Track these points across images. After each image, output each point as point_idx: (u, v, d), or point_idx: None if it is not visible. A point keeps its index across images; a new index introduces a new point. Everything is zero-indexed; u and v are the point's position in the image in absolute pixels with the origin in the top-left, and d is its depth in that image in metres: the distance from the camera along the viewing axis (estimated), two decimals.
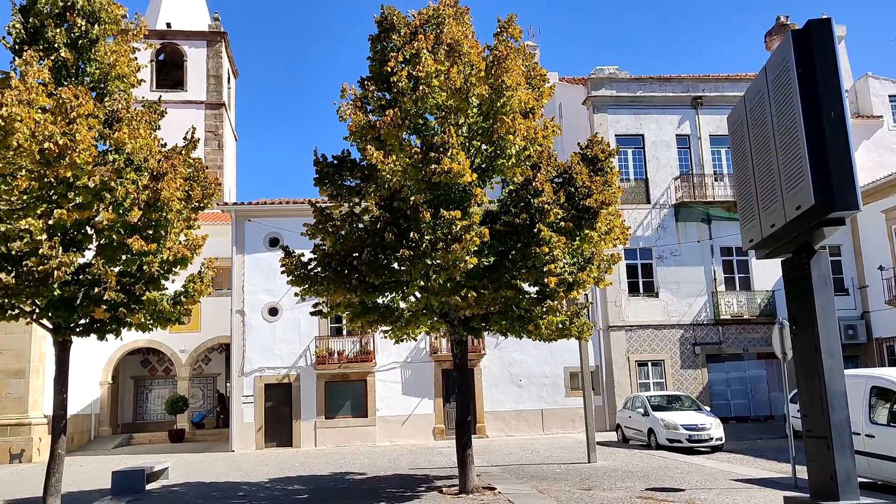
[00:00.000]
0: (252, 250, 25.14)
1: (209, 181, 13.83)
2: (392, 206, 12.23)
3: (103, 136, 12.56)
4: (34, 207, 11.85)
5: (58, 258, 11.48)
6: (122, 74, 13.23)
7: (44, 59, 12.25)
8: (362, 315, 13.03)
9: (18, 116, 11.12)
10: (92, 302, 12.16)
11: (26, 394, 22.04)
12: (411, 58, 12.23)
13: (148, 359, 31.62)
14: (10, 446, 21.38)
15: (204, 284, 13.10)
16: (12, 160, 11.44)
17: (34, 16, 12.75)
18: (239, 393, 24.35)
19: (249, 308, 24.86)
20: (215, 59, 38.38)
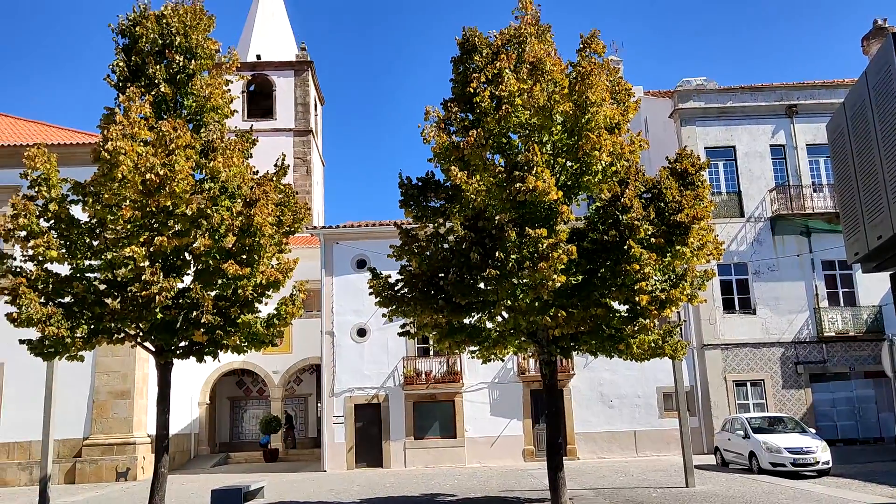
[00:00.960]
0: (340, 272, 25.61)
1: (299, 206, 14.19)
2: (477, 225, 12.22)
3: (200, 165, 13.08)
4: (137, 235, 12.44)
5: (159, 283, 11.97)
6: (217, 106, 13.77)
7: (145, 95, 12.90)
8: (449, 335, 13.02)
9: (123, 150, 11.75)
10: (191, 325, 12.62)
11: (131, 414, 23.03)
12: (494, 78, 12.25)
13: (243, 380, 32.57)
14: (117, 465, 22.36)
15: (295, 307, 13.40)
16: (117, 191, 12.08)
17: (136, 54, 13.47)
18: (330, 413, 24.73)
19: (338, 329, 25.29)
20: (302, 88, 39.61)
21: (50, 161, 12.72)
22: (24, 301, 11.83)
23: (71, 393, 21.57)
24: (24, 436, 22.49)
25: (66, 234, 12.70)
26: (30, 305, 11.78)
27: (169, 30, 13.37)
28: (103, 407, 22.98)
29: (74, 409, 22.29)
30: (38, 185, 12.62)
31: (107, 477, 22.20)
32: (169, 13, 13.47)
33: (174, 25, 13.35)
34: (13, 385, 22.83)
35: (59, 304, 12.48)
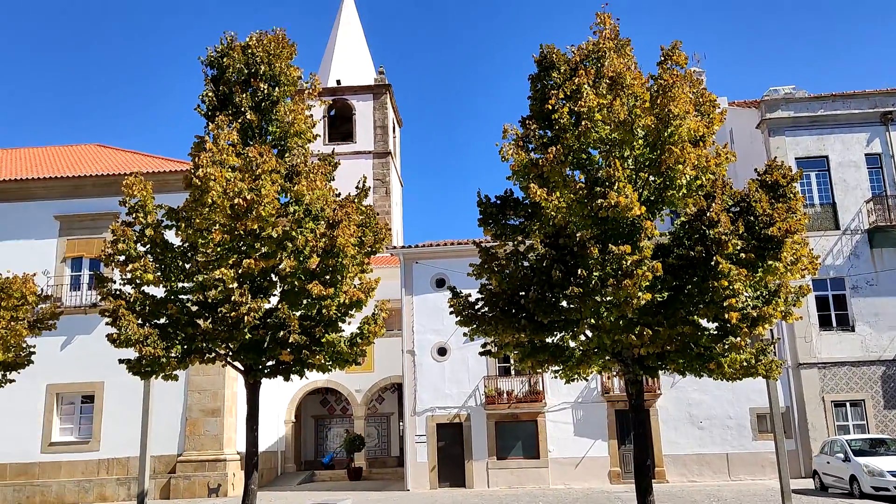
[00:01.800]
0: (420, 291, 25.78)
1: (380, 227, 14.40)
2: (558, 242, 12.09)
3: (284, 189, 13.46)
4: (227, 258, 12.88)
5: (247, 304, 12.34)
6: (300, 131, 14.17)
7: (232, 123, 13.39)
8: (531, 355, 12.88)
9: (212, 176, 12.22)
10: (278, 345, 12.93)
11: (221, 431, 23.73)
12: (572, 94, 12.14)
13: (327, 398, 33.11)
14: (209, 481, 23.03)
15: (378, 326, 13.55)
16: (208, 216, 12.55)
17: (223, 84, 14.02)
18: (412, 432, 24.83)
19: (419, 348, 25.42)
20: (381, 111, 40.34)
21: (146, 189, 13.34)
22: (124, 322, 12.41)
23: (165, 411, 22.39)
24: (122, 452, 23.48)
25: (160, 258, 13.27)
26: (128, 326, 12.35)
27: (254, 59, 13.87)
28: (195, 424, 23.76)
29: (168, 427, 23.11)
30: (135, 212, 13.25)
31: (199, 493, 22.89)
32: (253, 43, 13.99)
33: (258, 55, 13.84)
34: (112, 403, 23.89)
35: (155, 325, 13.02)
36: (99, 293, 13.85)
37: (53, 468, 23.74)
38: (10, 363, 14.45)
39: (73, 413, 24.61)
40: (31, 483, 23.52)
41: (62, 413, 24.53)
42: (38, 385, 23.25)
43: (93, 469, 23.72)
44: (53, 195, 26.04)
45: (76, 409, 24.62)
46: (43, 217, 25.72)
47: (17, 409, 23.09)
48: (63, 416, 24.53)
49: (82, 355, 24.03)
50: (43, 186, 26.06)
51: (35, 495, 23.34)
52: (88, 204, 25.81)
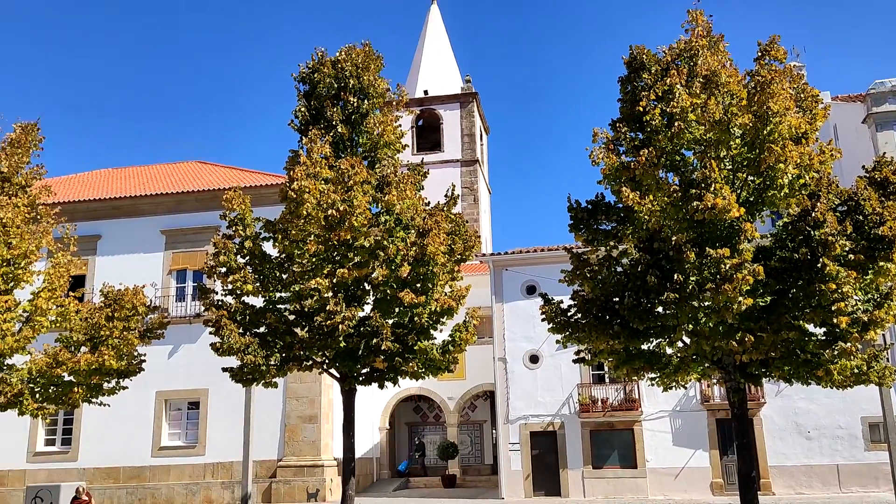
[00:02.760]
0: (510, 299, 25.68)
1: (469, 234, 14.44)
2: (652, 247, 11.79)
3: (376, 199, 13.70)
4: (321, 268, 13.21)
5: (342, 313, 12.62)
6: (390, 142, 14.41)
7: (324, 136, 13.75)
8: (627, 362, 12.61)
9: (307, 189, 12.57)
10: (371, 352, 13.15)
11: (318, 438, 24.29)
12: (664, 94, 11.86)
13: (420, 405, 33.41)
14: (308, 486, 23.61)
15: (469, 333, 13.58)
16: (303, 227, 12.92)
17: (315, 99, 14.42)
18: (505, 440, 24.71)
19: (510, 356, 25.30)
20: (468, 119, 40.53)
21: (245, 203, 13.84)
22: (226, 332, 12.90)
23: (265, 417, 23.11)
24: (226, 457, 24.37)
25: (259, 269, 13.74)
26: (230, 336, 12.83)
27: (343, 73, 14.20)
28: (294, 431, 24.42)
29: (269, 433, 23.84)
30: (235, 225, 13.77)
31: (299, 497, 23.49)
32: (343, 57, 14.33)
33: (348, 68, 14.16)
34: (216, 410, 24.86)
35: (255, 334, 13.48)
36: (202, 304, 14.46)
37: (163, 471, 24.88)
38: (122, 371, 15.21)
39: (180, 419, 25.75)
40: (142, 486, 24.73)
41: (170, 419, 25.70)
42: (148, 392, 24.43)
43: (199, 473, 24.72)
44: (160, 211, 27.39)
45: (183, 415, 25.74)
46: (150, 232, 27.09)
47: (130, 415, 24.31)
48: (171, 422, 25.68)
49: (188, 363, 25.12)
50: (150, 203, 27.45)
51: (146, 497, 24.52)
52: (191, 218, 27.01)
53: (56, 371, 14.45)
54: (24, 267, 14.67)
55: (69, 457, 25.40)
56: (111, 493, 24.40)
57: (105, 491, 23.99)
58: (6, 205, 14.36)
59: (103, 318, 15.14)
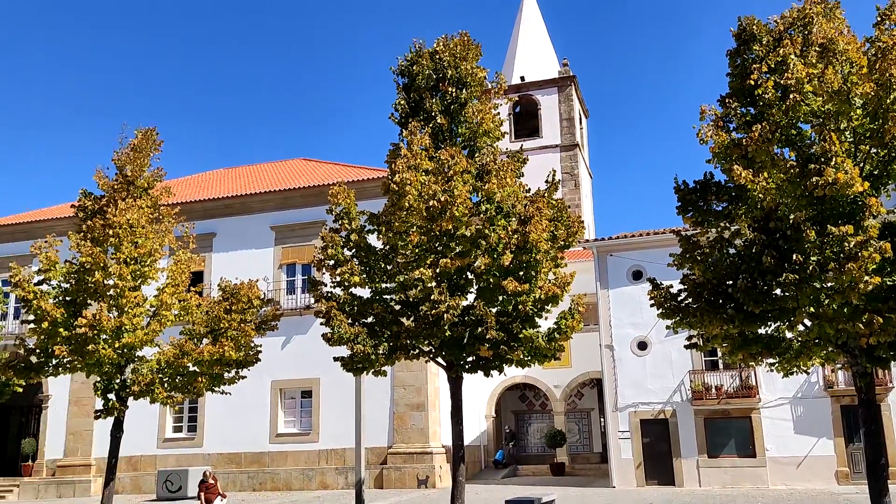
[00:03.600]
0: (616, 285, 25.19)
1: (572, 220, 14.23)
2: (768, 226, 11.24)
3: (476, 188, 13.70)
4: (424, 258, 13.35)
5: (446, 302, 12.71)
6: (488, 130, 14.37)
7: (424, 128, 13.85)
8: (742, 347, 12.10)
9: (408, 181, 12.72)
10: (477, 341, 13.19)
11: (426, 425, 24.68)
12: (777, 66, 11.26)
13: (525, 394, 33.34)
14: (417, 472, 24.06)
15: (575, 320, 13.40)
16: (406, 219, 13.09)
17: (414, 91, 14.55)
18: (615, 429, 24.33)
19: (617, 343, 24.84)
20: (566, 103, 39.92)
21: (349, 197, 14.17)
22: (335, 322, 13.27)
23: (375, 405, 23.68)
24: (338, 443, 25.16)
25: (365, 261, 14.03)
26: (340, 326, 13.18)
27: (441, 64, 14.25)
28: (402, 418, 24.91)
29: (378, 420, 24.44)
30: (341, 219, 14.12)
31: (409, 483, 23.97)
32: (440, 48, 14.37)
33: (446, 59, 14.20)
34: (327, 398, 25.69)
35: (363, 324, 13.79)
36: (312, 296, 14.92)
37: (280, 457, 25.96)
38: (241, 361, 15.93)
39: (294, 407, 26.77)
40: (262, 470, 25.89)
41: (285, 407, 26.76)
42: (264, 381, 25.52)
43: (314, 459, 25.64)
44: (268, 208, 28.47)
45: (297, 403, 26.75)
46: (261, 228, 28.22)
47: (249, 404, 25.49)
48: (286, 410, 26.74)
49: (300, 353, 26.06)
50: (259, 200, 28.58)
51: (266, 482, 25.66)
52: (298, 214, 27.93)
53: (182, 362, 15.30)
54: (150, 265, 15.60)
55: (195, 443, 26.90)
56: (234, 477, 25.67)
57: (228, 475, 25.24)
58: (132, 207, 15.28)
59: (222, 311, 15.90)
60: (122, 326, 14.79)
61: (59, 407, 28.65)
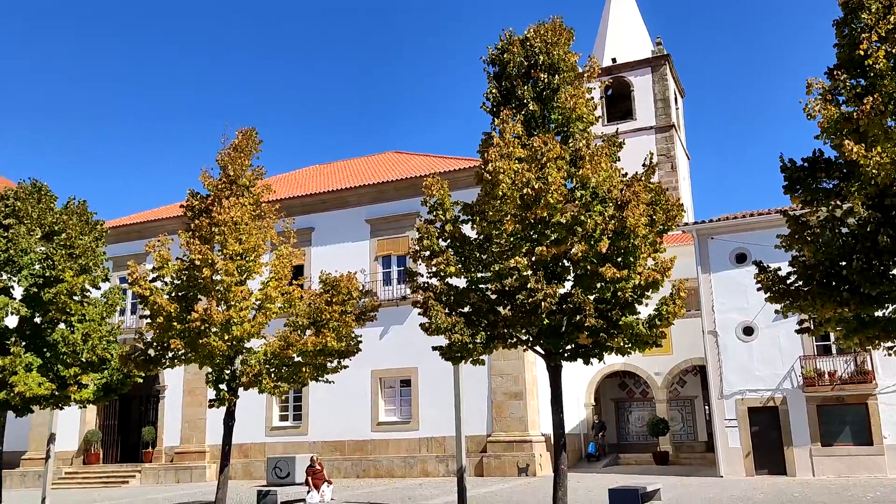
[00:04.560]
0: (718, 268, 24.37)
1: (671, 203, 13.85)
2: (883, 203, 10.65)
3: (570, 175, 13.53)
4: (520, 247, 13.31)
5: (543, 290, 12.64)
6: (581, 115, 14.15)
7: (516, 115, 13.78)
8: (858, 331, 11.50)
9: (501, 169, 12.69)
10: (575, 329, 13.07)
11: (525, 414, 24.66)
12: (888, 34, 10.58)
13: (625, 381, 32.78)
14: (517, 461, 24.09)
15: (677, 306, 13.07)
16: (499, 208, 13.07)
17: (505, 79, 14.48)
18: (720, 417, 23.59)
19: (721, 328, 24.04)
20: (661, 83, 38.81)
21: (443, 188, 14.28)
22: (433, 312, 13.43)
23: (472, 394, 23.81)
24: (438, 432, 25.50)
25: (460, 251, 14.12)
26: (437, 316, 13.34)
27: (533, 50, 14.12)
28: (500, 407, 24.98)
29: (477, 409, 24.58)
30: (435, 210, 14.25)
31: (509, 471, 24.04)
32: (531, 35, 14.24)
33: (537, 45, 14.06)
34: (425, 387, 26.06)
35: (460, 313, 13.89)
36: (409, 286, 15.14)
37: (382, 445, 26.55)
38: (343, 351, 16.37)
39: (394, 396, 27.29)
40: (365, 458, 26.55)
41: (385, 396, 27.31)
42: (364, 371, 26.11)
43: (414, 447, 26.09)
44: (363, 201, 29.05)
45: (396, 392, 27.26)
46: (356, 221, 28.84)
47: (351, 393, 26.15)
48: (386, 399, 27.30)
49: (397, 343, 26.52)
50: (353, 194, 29.19)
51: (369, 469, 26.30)
52: (392, 206, 28.37)
53: (287, 353, 15.85)
54: (254, 260, 16.21)
55: (300, 431, 27.85)
56: (338, 464, 26.44)
57: (332, 462, 26.01)
58: (235, 205, 15.92)
59: (323, 303, 16.37)
60: (230, 320, 15.43)
61: (174, 397, 30.27)
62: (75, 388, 17.90)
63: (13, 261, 17.41)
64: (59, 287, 17.32)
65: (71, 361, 17.58)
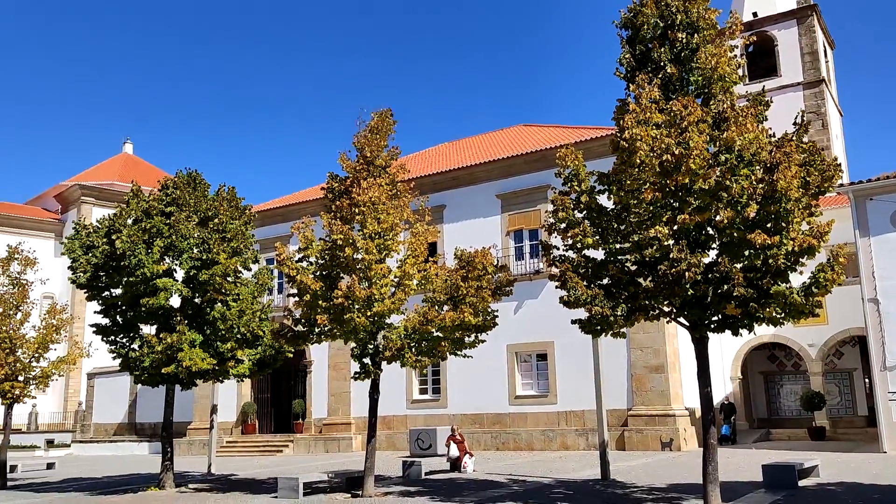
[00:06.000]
0: (878, 232, 22.56)
1: (827, 164, 12.91)
2: None
3: (713, 138, 12.89)
4: (660, 216, 12.85)
5: (686, 260, 12.17)
6: (724, 75, 13.41)
7: (653, 80, 13.25)
8: None
9: (639, 136, 12.28)
10: (722, 299, 12.52)
11: (667, 387, 24.00)
12: None
13: (774, 354, 31.18)
14: (661, 435, 23.53)
15: (836, 273, 12.21)
16: (637, 176, 12.68)
17: (639, 43, 13.95)
18: (883, 390, 21.96)
19: (883, 295, 22.28)
20: (808, 36, 36.20)
21: (577, 158, 14.01)
22: (571, 284, 13.27)
23: (611, 367, 23.37)
24: (576, 405, 25.36)
25: (597, 222, 13.83)
26: (576, 288, 13.17)
27: (668, 10, 13.50)
28: (641, 380, 24.45)
29: (616, 382, 24.16)
30: (570, 181, 14.01)
31: (652, 446, 23.53)
32: None
33: (673, 4, 13.43)
34: (562, 361, 25.93)
35: (599, 285, 13.64)
36: (545, 260, 15.01)
37: (520, 418, 26.72)
38: (480, 326, 16.52)
39: (530, 370, 27.34)
40: (504, 431, 26.83)
41: (521, 370, 27.41)
42: (500, 345, 26.31)
43: (553, 420, 26.06)
44: (493, 176, 29.09)
45: (532, 366, 27.30)
46: (487, 197, 28.95)
47: (488, 367, 26.45)
48: (522, 373, 27.39)
49: (532, 317, 26.50)
50: (483, 170, 29.28)
51: (508, 441, 26.56)
52: (522, 180, 28.25)
53: (426, 328, 16.20)
54: (392, 238, 16.62)
55: (439, 404, 28.53)
56: (477, 436, 26.87)
57: (472, 435, 26.47)
58: (373, 185, 16.35)
59: (459, 278, 16.55)
60: (371, 296, 15.93)
61: (320, 371, 31.80)
62: (233, 363, 19.14)
63: (175, 246, 18.74)
64: (214, 269, 18.49)
65: (228, 337, 18.79)
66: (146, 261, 18.08)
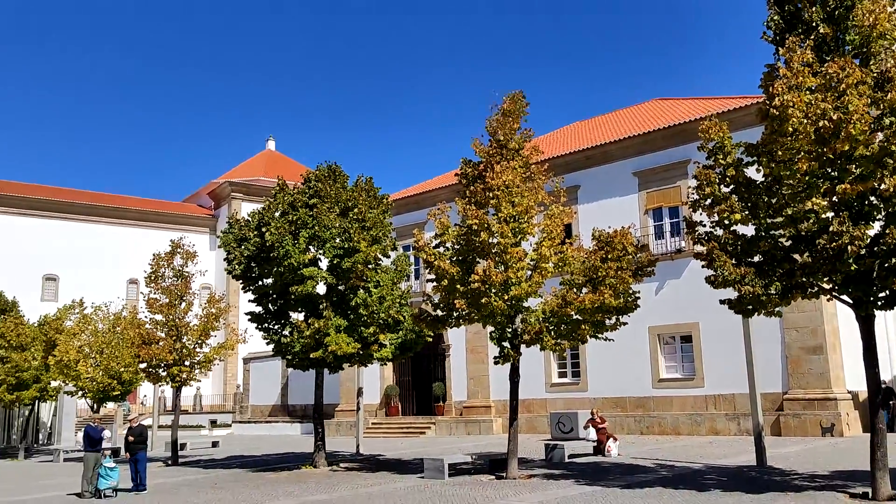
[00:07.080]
0: None
1: None
2: None
3: (875, 100, 11.89)
4: (816, 187, 12.02)
5: (849, 233, 11.34)
6: (884, 32, 12.32)
7: (804, 42, 12.38)
8: None
9: (790, 102, 11.53)
10: (890, 273, 11.58)
11: (826, 369, 22.49)
12: None
13: None
14: (821, 419, 22.11)
15: None
16: (790, 145, 11.91)
17: (788, 3, 13.06)
18: None
19: None
20: None
21: (722, 130, 13.33)
22: (719, 263, 12.68)
23: (764, 349, 22.21)
24: (726, 389, 24.31)
25: (745, 196, 13.11)
26: (724, 267, 12.57)
27: None
28: (797, 362, 23.06)
29: (769, 364, 22.92)
30: (714, 154, 13.36)
31: (811, 431, 22.18)
32: None
33: None
34: (709, 342, 24.90)
35: (749, 263, 12.95)
36: (689, 238, 14.43)
37: (665, 402, 25.94)
38: (621, 308, 16.13)
39: (674, 352, 26.45)
40: (647, 415, 26.17)
41: (664, 352, 26.57)
42: (642, 327, 25.57)
43: (700, 404, 25.12)
44: (628, 154, 28.26)
45: (676, 348, 26.39)
46: (622, 175, 28.18)
47: (630, 349, 25.85)
48: (666, 356, 26.55)
49: (675, 298, 25.60)
50: (618, 147, 28.50)
51: (653, 426, 25.88)
52: (660, 157, 27.26)
53: (566, 310, 16.02)
54: (527, 221, 16.54)
55: (579, 387, 28.21)
56: (620, 420, 26.37)
57: (614, 418, 25.99)
58: (507, 169, 16.31)
59: (598, 260, 16.24)
60: (508, 280, 15.93)
61: (458, 355, 32.27)
62: (376, 347, 19.78)
63: (318, 236, 19.55)
64: (356, 257, 19.14)
65: (370, 322, 19.42)
66: (293, 251, 18.98)
